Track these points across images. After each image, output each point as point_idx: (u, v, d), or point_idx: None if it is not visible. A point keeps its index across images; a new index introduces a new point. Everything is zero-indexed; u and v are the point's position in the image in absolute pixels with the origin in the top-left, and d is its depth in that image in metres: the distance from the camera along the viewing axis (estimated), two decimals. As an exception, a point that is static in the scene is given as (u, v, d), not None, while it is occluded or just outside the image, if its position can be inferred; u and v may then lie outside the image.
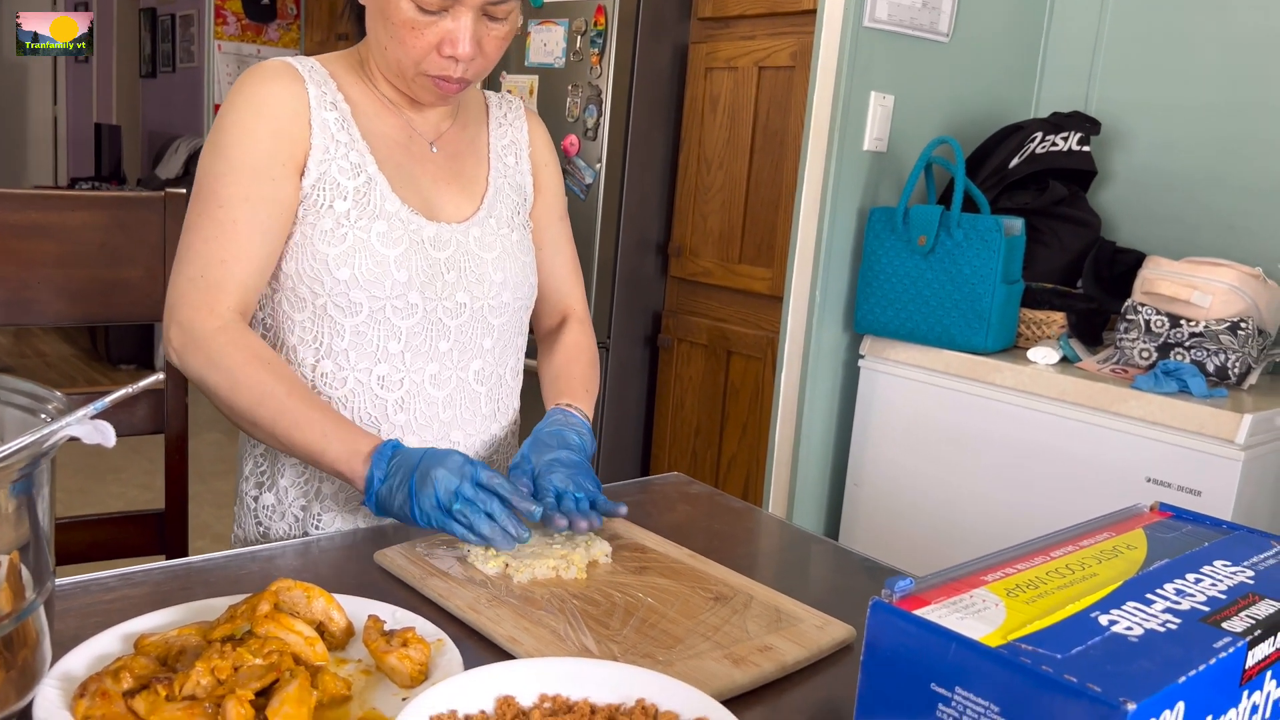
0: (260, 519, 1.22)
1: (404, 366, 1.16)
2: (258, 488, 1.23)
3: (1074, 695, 0.56)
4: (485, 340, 1.22)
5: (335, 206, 1.12)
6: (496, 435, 1.28)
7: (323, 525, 1.19)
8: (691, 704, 0.74)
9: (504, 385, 1.27)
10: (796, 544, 1.29)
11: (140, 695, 0.70)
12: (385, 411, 1.17)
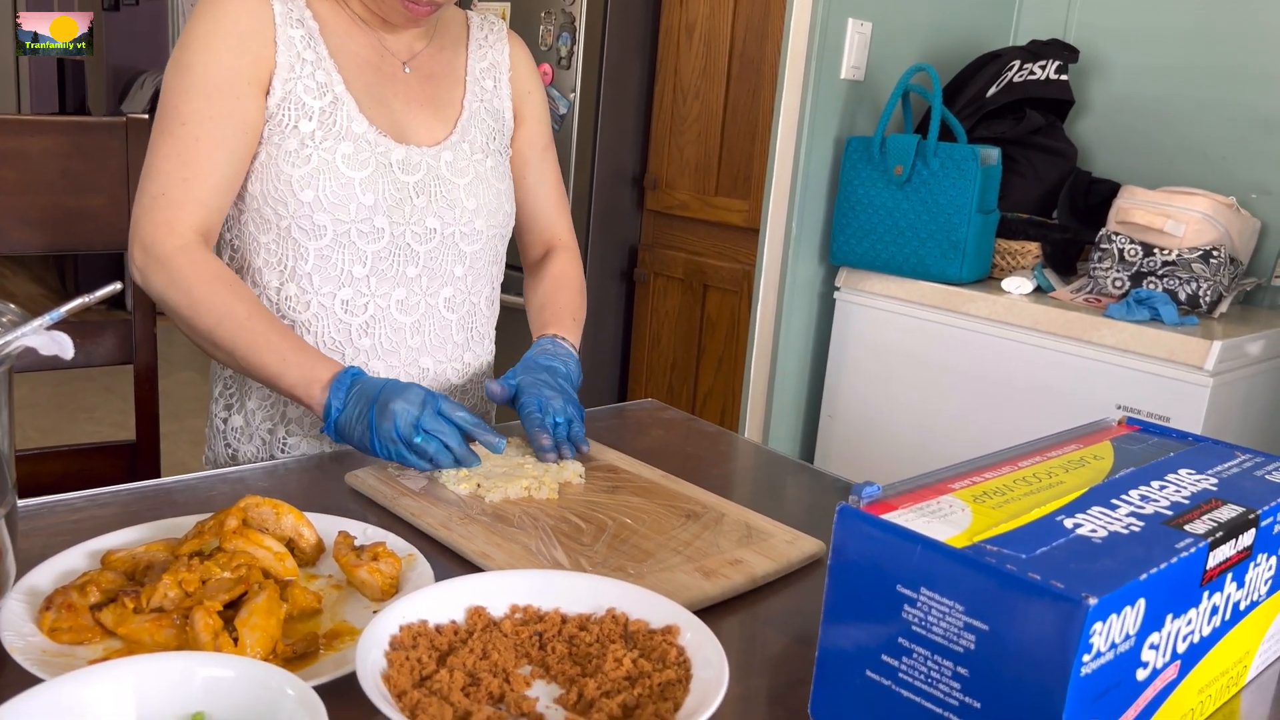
0: (229, 441, 1.22)
1: (369, 291, 1.15)
2: (226, 409, 1.22)
3: (1037, 592, 0.56)
4: (456, 267, 1.21)
5: (300, 127, 1.10)
6: (470, 364, 1.26)
7: (289, 449, 1.19)
8: (661, 612, 0.75)
9: (477, 314, 1.26)
10: (770, 466, 1.30)
11: (107, 608, 0.69)
12: (349, 336, 1.15)
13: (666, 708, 0.65)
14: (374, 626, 0.68)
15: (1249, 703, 0.76)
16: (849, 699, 0.66)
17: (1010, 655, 0.57)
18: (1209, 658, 0.69)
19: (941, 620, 0.60)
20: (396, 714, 0.60)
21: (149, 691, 0.59)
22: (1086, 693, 0.57)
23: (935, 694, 0.61)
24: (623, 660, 0.70)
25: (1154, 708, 0.64)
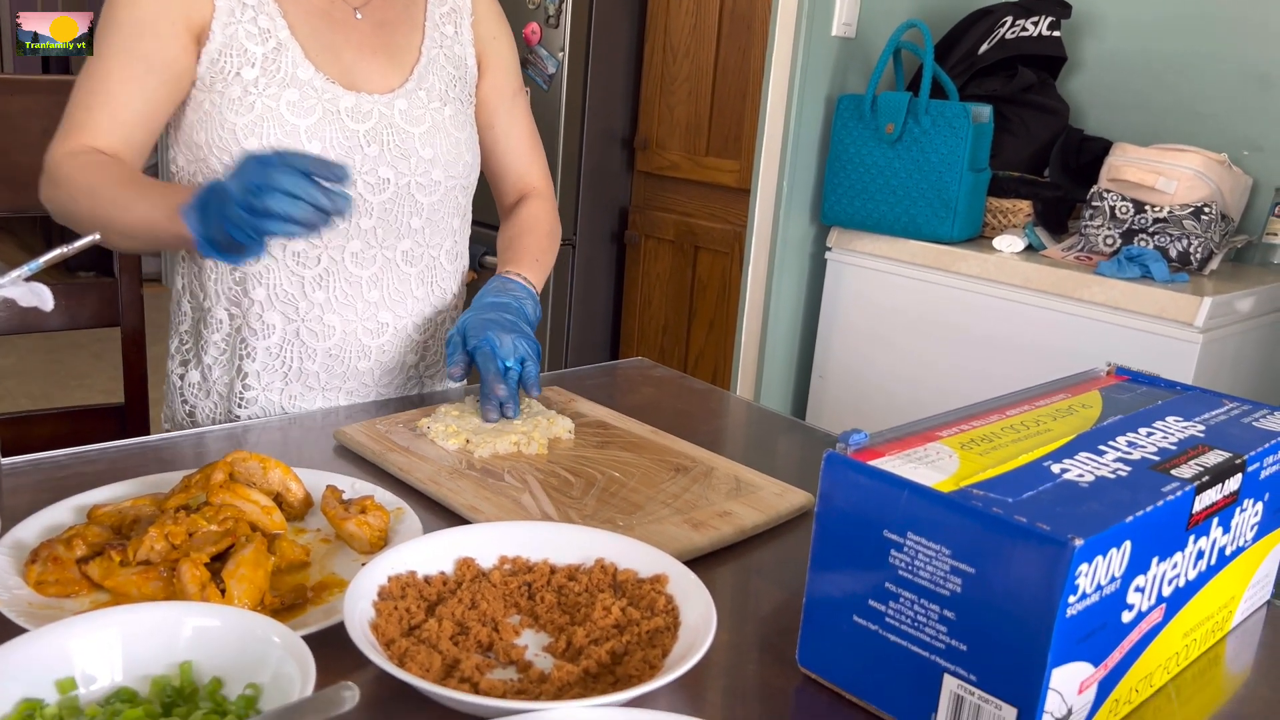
0: (186, 397, 1.19)
1: (321, 242, 1.11)
2: (183, 365, 1.20)
3: (1023, 534, 0.56)
4: (413, 219, 1.17)
5: (243, 74, 1.06)
6: (431, 319, 1.22)
7: (246, 403, 1.15)
8: (650, 562, 0.75)
9: (438, 268, 1.22)
10: (760, 422, 1.29)
11: (94, 561, 0.69)
12: (303, 289, 1.12)
13: (655, 654, 0.66)
14: (362, 577, 0.68)
15: (1233, 648, 0.77)
16: (836, 645, 0.66)
17: (996, 597, 0.57)
18: (1194, 602, 0.69)
19: (928, 564, 0.60)
20: (385, 662, 0.60)
21: (136, 641, 0.59)
22: (1072, 634, 0.57)
23: (922, 637, 0.61)
24: (611, 609, 0.70)
25: (1139, 651, 0.64)
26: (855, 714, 0.65)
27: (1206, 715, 0.69)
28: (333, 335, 1.14)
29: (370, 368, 1.18)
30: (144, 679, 0.58)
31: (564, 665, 0.64)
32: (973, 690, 0.59)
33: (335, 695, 0.51)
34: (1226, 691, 0.73)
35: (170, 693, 0.57)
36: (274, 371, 1.15)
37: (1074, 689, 0.59)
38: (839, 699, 0.66)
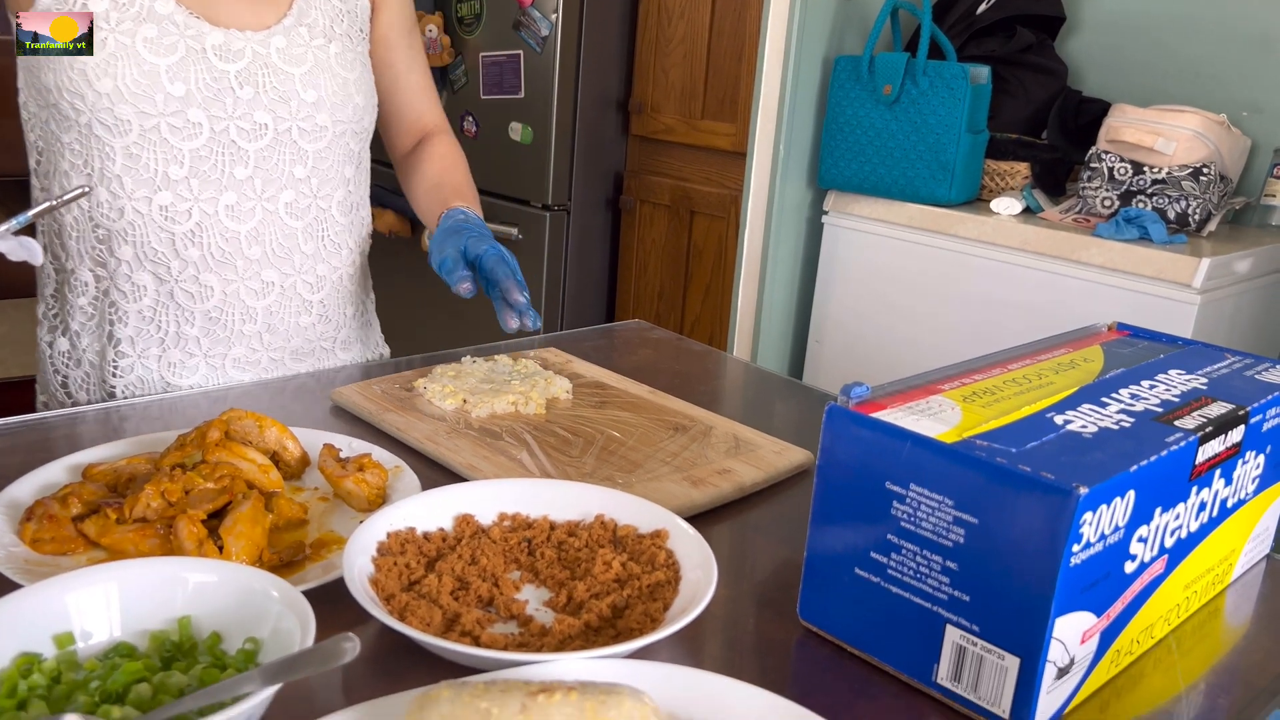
0: (57, 368, 1.11)
1: (191, 195, 1.01)
2: (51, 333, 1.11)
3: (1027, 484, 0.56)
4: (296, 168, 1.07)
5: (90, 6, 0.96)
6: (325, 277, 1.13)
7: (120, 372, 1.07)
8: (650, 518, 0.74)
9: (329, 222, 1.12)
10: (758, 382, 1.29)
11: (90, 519, 0.69)
12: (174, 246, 1.02)
13: (656, 608, 0.65)
14: (361, 532, 0.68)
15: (1233, 600, 0.77)
16: (837, 598, 0.66)
17: (999, 548, 0.57)
18: (1196, 554, 0.69)
19: (931, 515, 0.60)
20: (385, 615, 0.59)
21: (133, 596, 0.58)
22: (1075, 583, 0.57)
23: (924, 589, 0.61)
24: (612, 563, 0.69)
25: (1141, 601, 0.64)
26: (856, 666, 0.65)
27: (1207, 666, 0.69)
28: (211, 296, 1.05)
29: (258, 331, 1.09)
30: (142, 634, 0.58)
31: (565, 619, 0.64)
32: (975, 641, 0.59)
33: (335, 647, 0.50)
34: (1226, 643, 0.73)
35: (169, 647, 0.57)
36: (149, 337, 1.06)
37: (1076, 639, 0.59)
38: (840, 652, 0.66)
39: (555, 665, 0.56)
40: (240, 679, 0.50)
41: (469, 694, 0.49)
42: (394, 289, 2.95)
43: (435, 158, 1.21)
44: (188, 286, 1.04)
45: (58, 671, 0.54)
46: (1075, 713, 0.62)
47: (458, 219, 1.09)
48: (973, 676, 0.60)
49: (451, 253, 1.02)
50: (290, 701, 0.57)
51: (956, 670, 0.60)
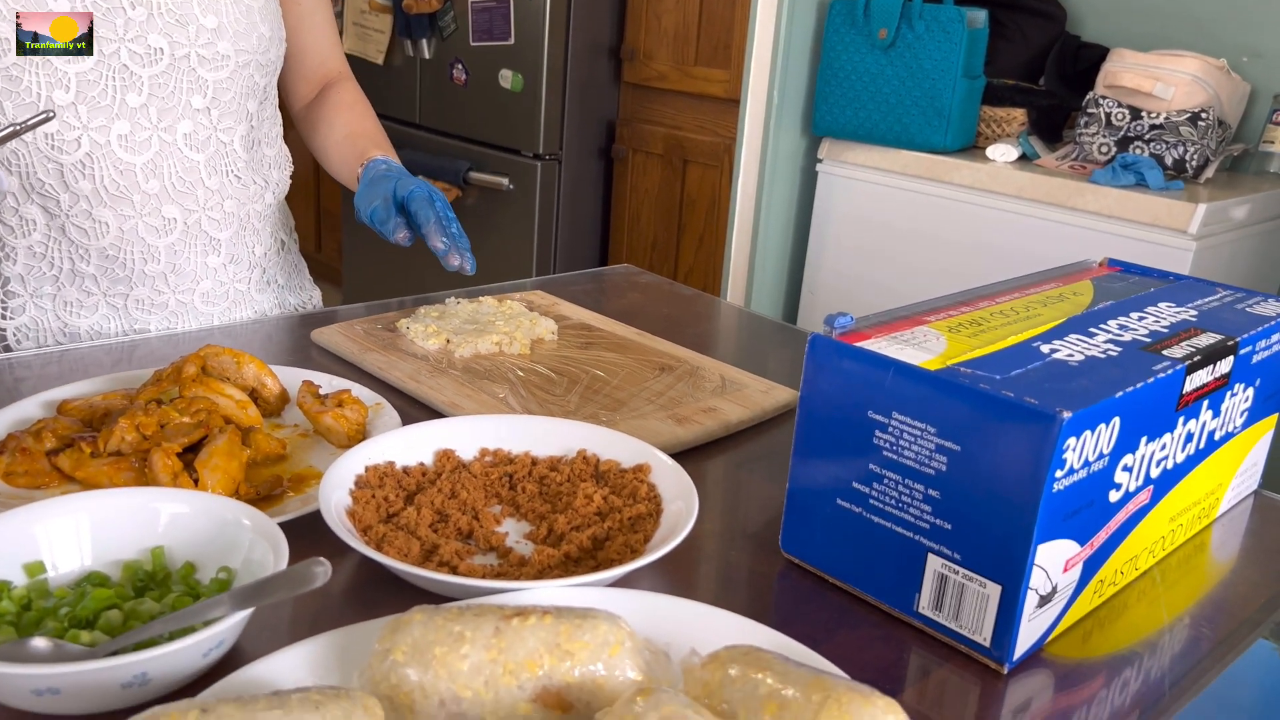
0: None
1: (79, 123, 0.95)
2: None
3: (1010, 409, 0.55)
4: (195, 98, 1.00)
5: None
6: (233, 214, 1.07)
7: (11, 312, 1.01)
8: (632, 452, 0.74)
9: (232, 157, 1.05)
10: (749, 326, 1.28)
11: (64, 453, 0.68)
12: (63, 177, 0.96)
13: (637, 539, 0.65)
14: (339, 465, 0.67)
15: (1219, 536, 0.77)
16: (819, 530, 0.66)
17: (982, 475, 0.56)
18: (1181, 486, 0.69)
19: (913, 444, 0.59)
20: (362, 545, 0.59)
21: (105, 526, 0.58)
22: (1058, 510, 0.56)
23: (906, 518, 0.60)
24: (593, 497, 0.69)
25: (1125, 532, 0.64)
26: (838, 597, 0.65)
27: (1191, 599, 0.69)
28: (107, 233, 0.99)
29: (161, 271, 1.03)
30: (115, 564, 0.57)
31: (545, 550, 0.63)
32: (957, 569, 0.59)
33: (306, 571, 0.49)
34: (1212, 577, 0.73)
35: (142, 577, 0.56)
36: (41, 275, 1.00)
37: (1059, 567, 0.58)
38: (821, 583, 0.66)
39: (532, 593, 0.55)
40: (210, 603, 0.49)
41: (442, 618, 0.48)
42: (362, 239, 2.92)
43: (344, 106, 1.16)
44: (80, 222, 0.98)
45: (27, 599, 0.53)
46: (1057, 642, 0.61)
47: (379, 169, 1.04)
48: (954, 605, 0.59)
49: (379, 202, 0.98)
50: (264, 632, 0.56)
51: (938, 599, 0.60)
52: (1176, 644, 0.64)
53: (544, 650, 0.48)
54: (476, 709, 0.47)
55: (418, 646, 0.47)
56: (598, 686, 0.48)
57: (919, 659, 0.60)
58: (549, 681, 0.47)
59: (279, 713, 0.40)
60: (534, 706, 0.47)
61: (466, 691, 0.47)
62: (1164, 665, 0.61)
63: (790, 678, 0.46)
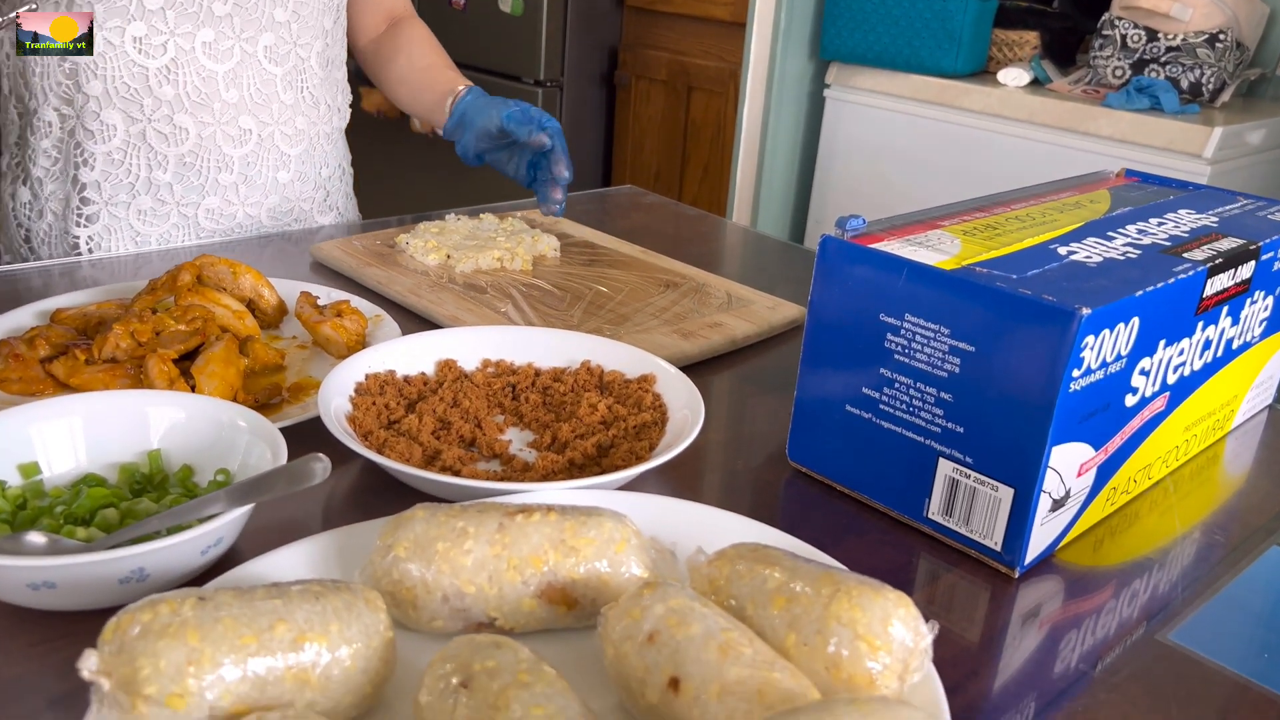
0: (20, 220, 1.05)
1: (166, 28, 0.96)
2: (13, 183, 1.05)
3: (1028, 306, 0.53)
4: (277, 10, 1.01)
5: None
6: (304, 131, 1.08)
7: (87, 220, 1.01)
8: (637, 363, 0.72)
9: (309, 73, 1.07)
10: (755, 244, 1.26)
11: (58, 360, 0.66)
12: (148, 82, 0.97)
13: (641, 447, 0.64)
14: (338, 371, 0.66)
15: (1233, 448, 0.76)
16: (827, 437, 0.64)
17: (996, 376, 0.55)
18: (1198, 395, 0.67)
19: (926, 346, 0.58)
20: (363, 449, 0.58)
21: (100, 429, 0.57)
22: (1074, 411, 0.55)
23: (917, 423, 0.59)
24: (598, 406, 0.68)
25: (1141, 438, 0.62)
26: (846, 505, 0.64)
27: (1204, 510, 0.68)
28: (186, 140, 1.00)
29: (234, 182, 1.04)
30: (111, 466, 0.56)
31: (549, 455, 0.62)
32: (968, 473, 0.57)
33: (304, 467, 0.48)
34: (1225, 488, 0.72)
35: (139, 479, 0.55)
36: (117, 183, 1.00)
37: (1073, 471, 0.57)
38: (829, 491, 0.65)
39: (536, 494, 0.54)
40: (207, 499, 0.48)
41: (445, 514, 0.47)
42: (375, 170, 2.88)
43: (421, 40, 1.17)
44: (160, 127, 0.99)
45: (22, 498, 0.52)
46: (1068, 549, 0.61)
47: (483, 95, 1.07)
48: (965, 510, 0.58)
49: (515, 110, 1.01)
50: (263, 534, 0.55)
51: (948, 504, 0.59)
52: (1188, 551, 0.63)
53: (548, 546, 0.47)
54: (480, 604, 0.46)
55: (420, 542, 0.46)
56: (603, 583, 0.47)
57: (928, 564, 0.59)
58: (554, 577, 0.47)
59: (278, 602, 0.39)
60: (539, 602, 0.46)
61: (470, 587, 0.46)
62: (1175, 572, 0.61)
63: (799, 573, 0.45)
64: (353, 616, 0.41)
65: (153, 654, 0.36)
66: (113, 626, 0.38)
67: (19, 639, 0.46)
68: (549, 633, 0.48)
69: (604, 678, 0.45)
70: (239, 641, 0.38)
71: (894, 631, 0.42)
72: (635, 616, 0.42)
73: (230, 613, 0.38)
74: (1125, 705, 0.48)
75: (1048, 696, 0.49)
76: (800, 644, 0.42)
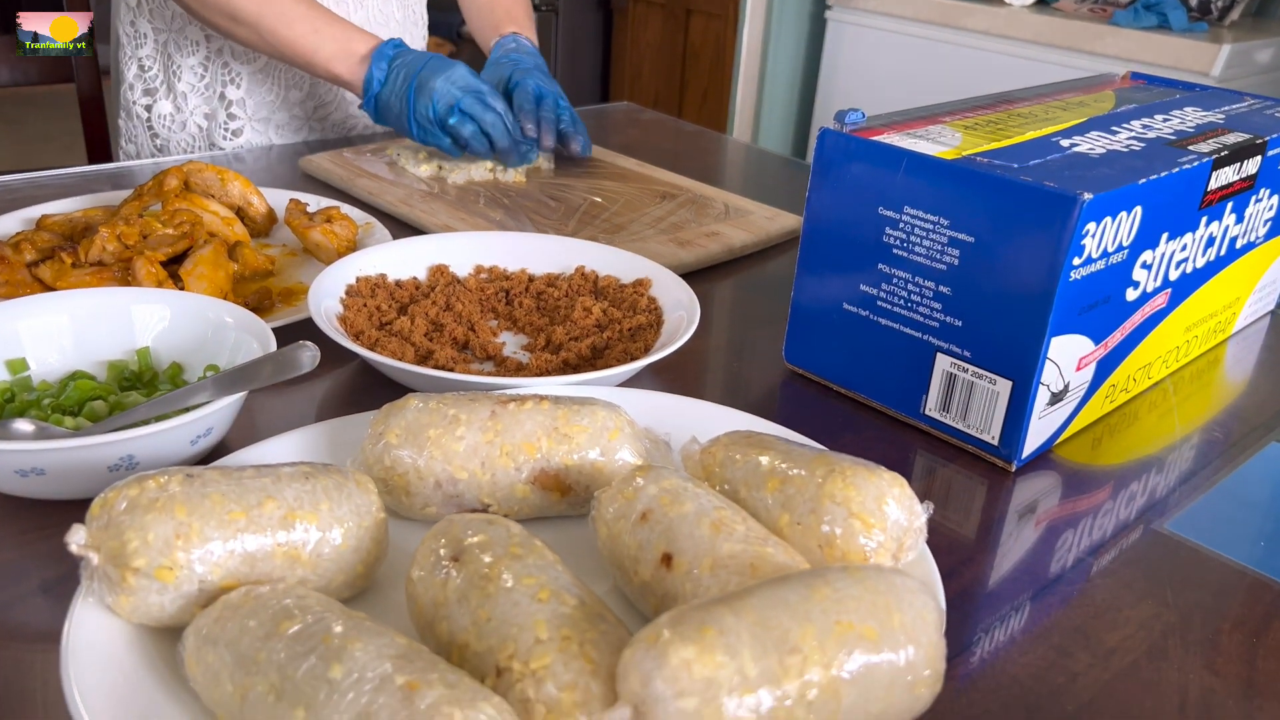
0: (157, 130, 1.08)
1: None
2: (148, 95, 1.07)
3: (1028, 193, 0.52)
4: None
5: None
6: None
7: (232, 134, 1.06)
8: (632, 268, 0.71)
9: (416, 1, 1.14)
10: (755, 159, 1.24)
11: (44, 264, 0.65)
12: None
13: (636, 348, 0.63)
14: (329, 273, 0.65)
15: (1234, 352, 0.75)
16: (823, 337, 0.64)
17: (996, 267, 0.54)
18: (1200, 294, 0.66)
19: (925, 239, 0.57)
20: (355, 345, 0.57)
21: (87, 326, 0.56)
22: (1074, 302, 0.54)
23: (915, 318, 0.58)
24: (592, 309, 0.67)
25: (1141, 335, 0.62)
26: (842, 404, 0.63)
27: (1203, 411, 0.68)
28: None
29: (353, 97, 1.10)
30: (99, 364, 0.56)
31: (543, 356, 0.61)
32: (966, 367, 0.57)
33: (292, 355, 0.48)
34: (1225, 390, 0.71)
35: (128, 376, 0.54)
36: (260, 100, 1.05)
37: (1072, 364, 0.57)
38: (826, 391, 0.65)
39: (530, 389, 0.53)
40: (193, 387, 0.48)
41: (437, 401, 0.47)
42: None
43: None
44: None
45: (10, 392, 0.52)
46: (1066, 445, 0.60)
47: (504, 51, 1.06)
48: (962, 405, 0.58)
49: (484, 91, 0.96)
50: (252, 429, 0.55)
51: (945, 400, 0.58)
52: (1188, 447, 0.63)
53: (541, 434, 0.46)
54: (473, 490, 0.46)
55: (411, 429, 0.46)
56: (596, 470, 0.47)
57: (925, 460, 0.58)
58: (546, 464, 0.46)
59: (267, 480, 0.39)
60: (531, 488, 0.46)
61: (462, 473, 0.45)
62: (1175, 467, 0.60)
63: (793, 456, 0.44)
64: (343, 496, 0.40)
65: (140, 528, 0.36)
66: (100, 502, 0.37)
67: (9, 527, 0.46)
68: (542, 520, 0.48)
69: (597, 563, 0.45)
70: (227, 517, 0.37)
71: (888, 510, 0.41)
72: (628, 497, 0.42)
73: (218, 489, 0.38)
74: (1121, 590, 0.48)
75: (1043, 582, 0.49)
76: (793, 523, 0.42)
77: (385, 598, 0.43)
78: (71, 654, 0.35)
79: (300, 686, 0.31)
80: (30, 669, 0.39)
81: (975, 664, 0.43)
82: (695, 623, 0.32)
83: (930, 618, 0.34)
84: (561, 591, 0.36)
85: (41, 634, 0.40)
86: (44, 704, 0.37)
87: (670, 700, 0.30)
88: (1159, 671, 0.43)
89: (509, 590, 0.36)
